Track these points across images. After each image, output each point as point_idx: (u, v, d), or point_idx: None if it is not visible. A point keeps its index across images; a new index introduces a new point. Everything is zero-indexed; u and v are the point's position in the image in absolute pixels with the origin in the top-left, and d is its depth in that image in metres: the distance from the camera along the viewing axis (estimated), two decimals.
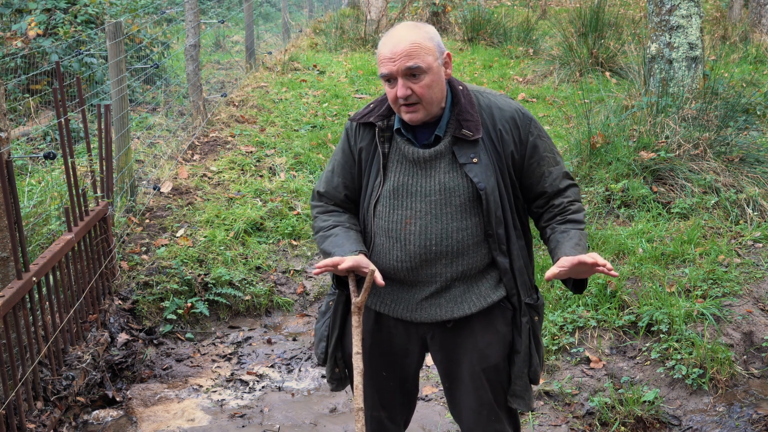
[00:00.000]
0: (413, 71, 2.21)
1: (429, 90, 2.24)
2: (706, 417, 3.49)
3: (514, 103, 2.39)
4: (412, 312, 2.39)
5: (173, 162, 6.45)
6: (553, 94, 8.43)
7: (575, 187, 2.41)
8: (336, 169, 2.49)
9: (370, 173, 2.40)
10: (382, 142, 2.37)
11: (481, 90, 2.40)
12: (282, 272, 5.02)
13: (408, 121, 2.31)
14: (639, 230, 4.82)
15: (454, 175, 2.31)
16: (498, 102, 2.36)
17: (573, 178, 2.44)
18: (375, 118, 2.38)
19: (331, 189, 2.50)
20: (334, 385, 2.59)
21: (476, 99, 2.35)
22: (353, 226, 2.44)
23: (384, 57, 2.24)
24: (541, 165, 2.35)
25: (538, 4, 14.67)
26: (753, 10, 11.16)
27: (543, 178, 2.36)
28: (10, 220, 3.16)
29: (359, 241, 2.38)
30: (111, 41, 5.31)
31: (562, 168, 2.39)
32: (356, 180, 2.45)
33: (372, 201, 2.39)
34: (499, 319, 2.39)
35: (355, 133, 2.43)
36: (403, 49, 2.20)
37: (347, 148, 2.45)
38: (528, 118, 2.36)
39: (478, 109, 2.33)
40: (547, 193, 2.37)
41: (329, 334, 2.53)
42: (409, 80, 2.22)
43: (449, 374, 2.47)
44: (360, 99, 8.76)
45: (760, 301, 4.12)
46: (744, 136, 5.64)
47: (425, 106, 2.26)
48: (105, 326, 4.13)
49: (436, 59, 2.25)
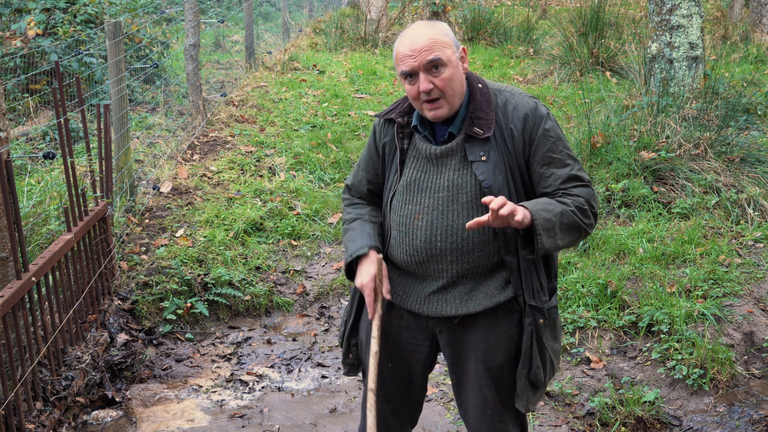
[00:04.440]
0: (435, 63, 2.24)
1: (450, 83, 2.27)
2: (706, 417, 3.48)
3: (532, 102, 2.36)
4: (421, 305, 2.42)
5: (173, 162, 6.44)
6: (554, 94, 8.42)
7: (585, 188, 2.32)
8: (362, 163, 2.58)
9: (391, 168, 2.47)
10: (401, 139, 2.43)
11: (502, 88, 2.41)
12: (282, 272, 5.02)
13: (432, 119, 2.33)
14: (639, 230, 4.81)
15: (464, 173, 2.32)
16: (514, 100, 2.35)
17: (587, 181, 2.34)
18: (396, 114, 2.44)
19: (357, 182, 2.60)
20: (346, 370, 2.65)
21: (494, 97, 2.36)
22: (373, 218, 2.53)
23: (403, 55, 2.27)
24: (542, 165, 2.32)
25: (539, 3, 14.66)
26: (754, 10, 11.16)
27: (542, 179, 2.33)
28: (10, 220, 3.15)
29: (372, 235, 2.46)
30: (110, 41, 5.30)
31: (569, 171, 2.31)
32: (380, 175, 2.53)
33: (389, 195, 2.45)
34: (505, 319, 2.39)
35: (380, 129, 2.51)
36: (423, 44, 2.25)
37: (372, 144, 2.53)
38: (540, 116, 2.32)
39: (494, 107, 2.34)
40: (546, 193, 2.33)
41: (347, 319, 2.60)
42: (431, 74, 2.26)
43: (456, 370, 2.49)
44: (360, 99, 8.75)
45: (761, 302, 4.12)
46: (745, 136, 5.64)
47: (448, 100, 2.29)
48: (104, 326, 4.12)
49: (454, 53, 2.29)
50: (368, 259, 2.40)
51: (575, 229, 2.27)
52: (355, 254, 2.41)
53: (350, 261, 2.43)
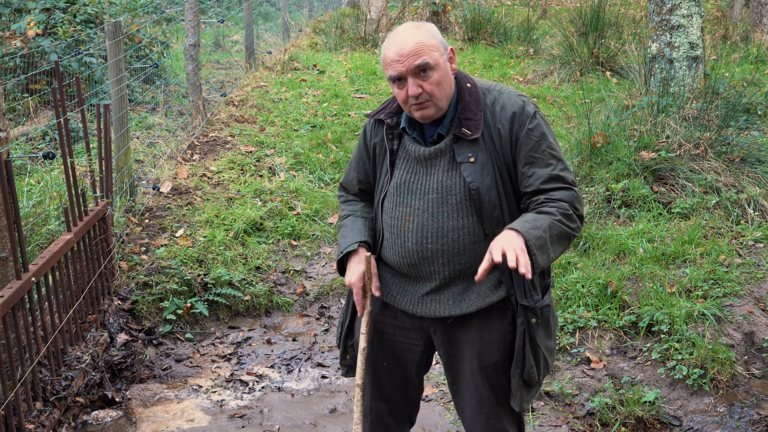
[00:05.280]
0: (422, 68, 2.23)
1: (438, 87, 2.26)
2: (707, 417, 3.48)
3: (520, 101, 2.33)
4: (414, 305, 2.43)
5: (173, 162, 6.44)
6: (554, 94, 8.42)
7: (567, 191, 2.28)
8: (353, 163, 2.59)
9: (381, 169, 2.47)
10: (391, 140, 2.42)
11: (491, 86, 2.38)
12: (282, 272, 5.01)
13: (420, 119, 2.33)
14: (640, 230, 4.81)
15: (452, 174, 2.32)
16: (503, 99, 2.34)
17: (570, 182, 2.30)
18: (385, 115, 2.43)
19: (349, 182, 2.63)
20: (344, 371, 2.66)
21: (483, 96, 2.34)
22: (365, 214, 2.56)
23: (391, 60, 2.26)
24: (525, 164, 2.29)
25: (539, 3, 14.66)
26: (754, 10, 11.15)
27: (524, 178, 2.30)
28: (9, 220, 3.15)
29: (362, 230, 2.48)
30: (110, 41, 5.30)
31: (551, 171, 2.28)
32: (370, 175, 2.54)
33: (380, 196, 2.46)
34: (499, 319, 2.39)
35: (371, 129, 2.50)
36: (410, 49, 2.23)
37: (363, 144, 2.53)
38: (527, 115, 2.30)
39: (483, 107, 2.32)
40: (527, 191, 2.31)
41: (343, 321, 2.62)
42: (419, 78, 2.25)
43: (451, 370, 2.49)
44: (360, 99, 8.75)
45: (761, 302, 4.11)
46: (745, 136, 5.63)
47: (436, 103, 2.29)
48: (104, 326, 4.12)
49: (442, 55, 2.28)
50: (357, 257, 2.42)
51: (564, 238, 2.26)
52: (345, 251, 2.44)
53: (342, 257, 2.46)
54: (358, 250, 2.43)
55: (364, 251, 2.41)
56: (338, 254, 2.48)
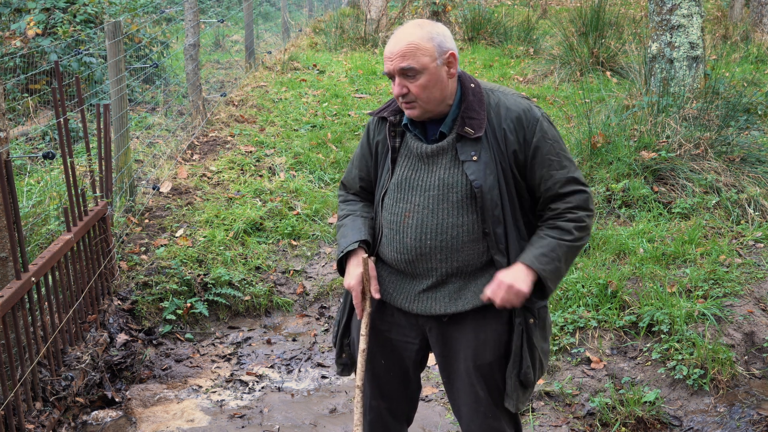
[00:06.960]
0: (406, 72, 2.26)
1: (424, 90, 2.28)
2: (707, 418, 3.48)
3: (525, 103, 2.37)
4: (410, 303, 2.44)
5: (172, 162, 6.43)
6: (554, 94, 8.41)
7: (581, 194, 2.35)
8: (355, 161, 2.60)
9: (383, 166, 2.48)
10: (393, 137, 2.44)
11: (495, 88, 2.41)
12: (282, 272, 5.01)
13: (408, 117, 2.37)
14: (640, 230, 4.81)
15: (454, 172, 2.33)
16: (507, 101, 2.36)
17: (583, 184, 2.37)
18: (388, 113, 2.45)
19: (350, 180, 2.63)
20: (340, 370, 2.66)
21: (487, 96, 2.37)
22: (365, 213, 2.56)
23: (386, 56, 2.31)
24: (543, 167, 2.33)
25: (539, 3, 14.65)
26: (754, 10, 11.15)
27: (543, 181, 2.34)
28: (9, 220, 3.15)
29: (362, 229, 2.49)
30: (110, 41, 5.30)
31: (568, 172, 2.33)
32: (372, 173, 2.55)
33: (381, 193, 2.47)
34: (495, 318, 2.39)
35: (374, 127, 2.52)
36: (400, 49, 2.27)
37: (365, 142, 2.55)
38: (534, 118, 2.33)
39: (487, 108, 2.35)
40: (546, 196, 2.36)
41: (339, 319, 2.62)
42: (405, 79, 2.28)
43: (446, 369, 2.50)
44: (360, 99, 8.74)
45: (762, 302, 4.11)
46: (745, 136, 5.63)
47: (422, 105, 2.31)
48: (104, 326, 4.12)
49: (434, 60, 2.27)
50: (355, 259, 2.44)
51: (577, 253, 2.37)
52: (345, 250, 2.45)
53: (341, 257, 2.48)
54: (357, 250, 2.45)
55: (362, 253, 2.43)
56: (338, 254, 2.49)
